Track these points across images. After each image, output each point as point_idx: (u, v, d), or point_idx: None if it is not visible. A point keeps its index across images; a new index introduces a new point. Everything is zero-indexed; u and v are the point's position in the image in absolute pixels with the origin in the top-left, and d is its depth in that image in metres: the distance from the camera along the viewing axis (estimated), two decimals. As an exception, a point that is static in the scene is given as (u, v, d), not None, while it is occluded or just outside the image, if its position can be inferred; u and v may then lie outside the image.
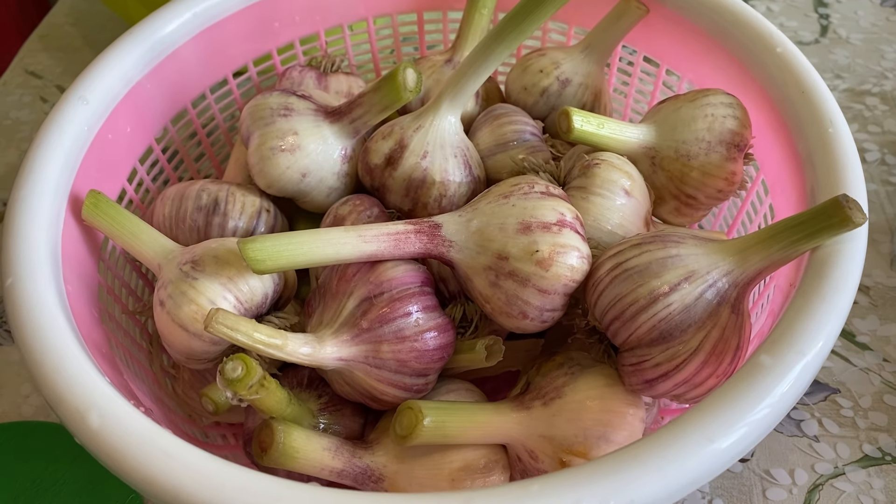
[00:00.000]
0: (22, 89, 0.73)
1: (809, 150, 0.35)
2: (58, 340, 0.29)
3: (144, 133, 0.45)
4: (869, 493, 0.42)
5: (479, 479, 0.33)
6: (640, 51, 0.49)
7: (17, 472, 0.45)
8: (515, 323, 0.34)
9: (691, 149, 0.39)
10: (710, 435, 0.26)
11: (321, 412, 0.36)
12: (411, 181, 0.40)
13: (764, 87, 0.39)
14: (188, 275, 0.34)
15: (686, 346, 0.31)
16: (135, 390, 0.35)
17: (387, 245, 0.34)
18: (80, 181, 0.38)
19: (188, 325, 0.33)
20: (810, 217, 0.30)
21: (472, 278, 0.34)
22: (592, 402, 0.33)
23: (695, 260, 0.31)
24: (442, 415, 0.32)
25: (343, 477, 0.34)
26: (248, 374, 0.29)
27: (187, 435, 0.40)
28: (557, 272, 0.32)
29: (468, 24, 0.48)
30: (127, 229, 0.37)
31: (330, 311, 0.34)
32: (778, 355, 0.28)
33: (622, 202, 0.37)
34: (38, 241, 0.33)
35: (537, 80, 0.46)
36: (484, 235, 0.34)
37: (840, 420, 0.46)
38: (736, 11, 0.41)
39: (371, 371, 0.33)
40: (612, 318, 0.32)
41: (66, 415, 0.28)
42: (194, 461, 0.26)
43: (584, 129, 0.38)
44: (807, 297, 0.29)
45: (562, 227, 0.33)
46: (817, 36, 0.71)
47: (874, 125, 0.62)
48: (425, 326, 0.33)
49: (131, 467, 0.26)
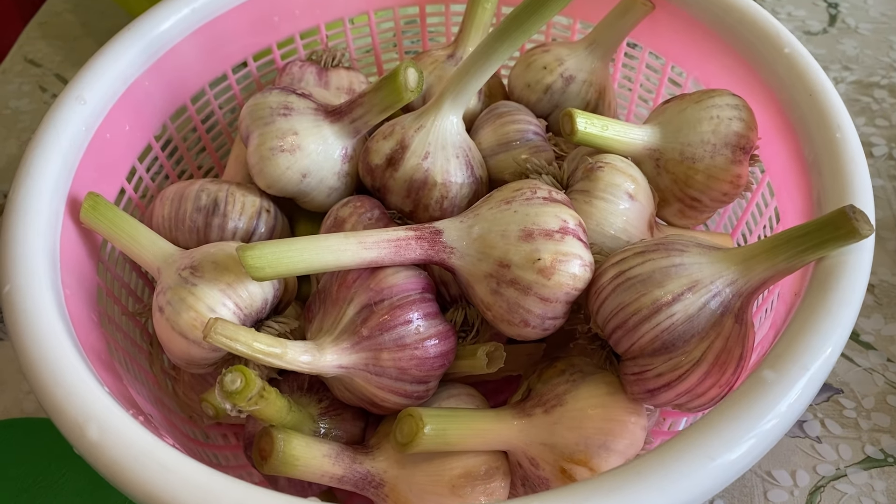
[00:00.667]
0: (21, 78, 0.72)
1: (816, 154, 0.35)
2: (56, 351, 0.29)
3: (143, 131, 0.44)
4: (870, 496, 0.42)
5: (479, 485, 0.33)
6: (646, 47, 0.48)
7: (19, 469, 0.45)
8: (517, 331, 0.34)
9: (696, 151, 0.38)
10: (712, 453, 0.26)
11: (321, 417, 0.36)
12: (412, 182, 0.39)
13: (771, 88, 0.39)
14: (187, 280, 0.33)
15: (689, 356, 0.31)
16: (134, 395, 0.35)
17: (387, 252, 0.33)
18: (79, 182, 0.38)
19: (187, 332, 0.33)
20: (816, 228, 0.30)
21: (474, 285, 0.34)
22: (594, 410, 0.33)
23: (698, 269, 0.31)
24: (442, 422, 0.32)
25: (344, 483, 0.34)
26: (248, 386, 0.29)
27: (188, 437, 0.40)
28: (559, 281, 0.32)
29: (471, 19, 0.47)
30: (125, 232, 0.37)
31: (330, 317, 0.34)
32: (781, 370, 0.27)
33: (626, 206, 0.36)
34: (36, 246, 0.33)
35: (541, 76, 0.46)
36: (485, 242, 0.33)
37: (843, 421, 0.46)
38: (743, 9, 0.40)
39: (371, 378, 0.33)
40: (615, 327, 0.32)
41: (64, 427, 0.27)
42: (192, 475, 0.26)
43: (588, 131, 0.37)
44: (811, 309, 0.29)
45: (564, 235, 0.33)
46: (825, 25, 0.70)
47: (882, 119, 0.61)
48: (426, 334, 0.33)
49: (130, 480, 0.26)
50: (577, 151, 0.40)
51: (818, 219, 0.30)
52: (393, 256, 0.33)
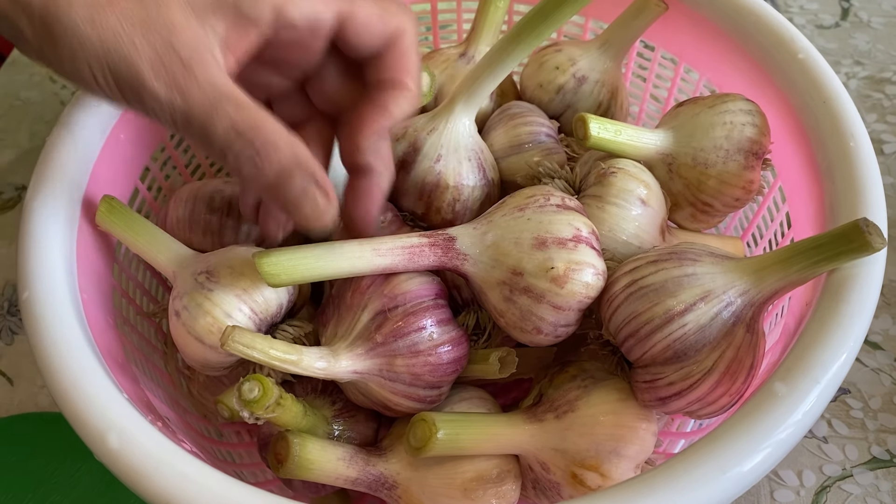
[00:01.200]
0: (31, 68, 0.72)
1: (830, 162, 0.35)
2: (76, 359, 0.30)
3: (157, 129, 0.44)
4: (876, 496, 0.43)
5: (491, 488, 0.34)
6: (659, 47, 0.48)
7: (34, 463, 0.46)
8: (529, 338, 0.34)
9: (709, 157, 0.38)
10: (723, 465, 0.26)
11: (335, 419, 0.36)
12: (425, 185, 0.39)
13: (784, 93, 0.39)
14: (203, 286, 0.34)
15: (700, 365, 0.31)
16: (151, 398, 0.36)
17: (401, 258, 0.34)
18: (94, 185, 0.38)
19: (204, 337, 0.33)
20: (829, 240, 0.30)
21: (487, 292, 0.34)
22: (605, 417, 0.33)
23: (711, 279, 0.31)
24: (455, 427, 0.33)
25: (357, 484, 0.34)
26: (265, 395, 0.29)
27: (202, 435, 0.41)
28: (572, 289, 0.32)
29: (483, 18, 0.47)
30: (141, 235, 0.37)
31: (344, 323, 0.34)
32: (792, 383, 0.28)
33: (638, 212, 0.36)
34: (54, 252, 0.33)
35: (553, 77, 0.46)
36: (499, 250, 0.34)
37: (849, 421, 0.46)
38: (758, 13, 0.40)
39: (385, 383, 0.33)
40: (627, 335, 0.32)
41: (85, 435, 0.28)
42: (212, 485, 0.26)
43: (601, 136, 0.37)
44: (822, 322, 0.29)
45: (577, 244, 0.33)
46: (838, 19, 0.70)
47: (893, 116, 0.61)
48: (439, 340, 0.33)
49: (150, 489, 0.27)
50: (589, 155, 0.40)
51: (831, 231, 0.30)
52: (407, 263, 0.34)
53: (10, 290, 0.55)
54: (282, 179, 0.29)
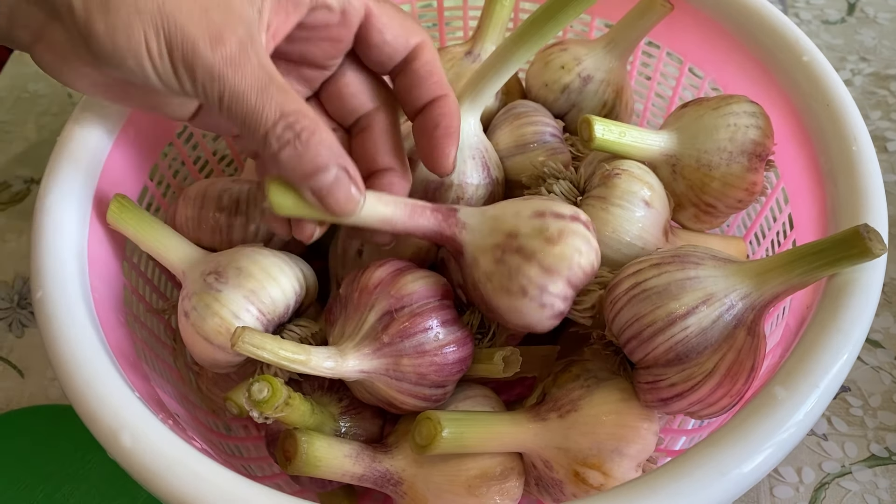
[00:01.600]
0: (38, 61, 0.72)
1: (832, 166, 0.35)
2: (89, 359, 0.30)
3: (166, 126, 0.45)
4: (874, 493, 0.43)
5: (495, 485, 0.34)
6: (664, 46, 0.48)
7: (45, 455, 0.47)
8: (513, 301, 0.33)
9: (713, 158, 0.38)
10: (723, 468, 0.27)
11: (342, 416, 0.37)
12: (429, 182, 0.40)
13: (788, 95, 0.39)
14: (212, 286, 0.34)
15: (702, 367, 0.31)
16: (161, 395, 0.36)
17: (402, 212, 0.34)
18: (105, 183, 0.38)
19: (212, 337, 0.34)
20: (830, 245, 0.30)
21: (479, 258, 0.34)
22: (608, 416, 0.34)
23: (713, 282, 0.32)
24: (460, 426, 0.33)
25: (363, 481, 0.35)
26: (274, 395, 0.30)
27: (211, 430, 0.41)
28: (564, 252, 0.33)
29: (489, 16, 0.47)
30: (151, 234, 0.37)
31: (352, 323, 0.35)
32: (792, 387, 0.28)
33: (642, 213, 0.37)
34: (66, 251, 0.34)
35: (558, 76, 0.46)
36: (498, 220, 0.34)
37: (849, 419, 0.46)
38: (763, 14, 0.40)
39: (391, 382, 0.34)
40: (630, 337, 0.33)
41: (99, 433, 0.29)
42: (224, 484, 0.27)
43: (606, 138, 0.38)
44: (822, 326, 0.30)
45: (575, 220, 0.33)
46: (844, 14, 0.70)
47: (898, 113, 0.61)
48: (445, 341, 0.34)
49: (163, 488, 0.27)
50: (593, 155, 0.41)
51: (832, 236, 0.30)
52: (406, 219, 0.34)
53: (21, 282, 0.56)
54: (319, 166, 0.30)
